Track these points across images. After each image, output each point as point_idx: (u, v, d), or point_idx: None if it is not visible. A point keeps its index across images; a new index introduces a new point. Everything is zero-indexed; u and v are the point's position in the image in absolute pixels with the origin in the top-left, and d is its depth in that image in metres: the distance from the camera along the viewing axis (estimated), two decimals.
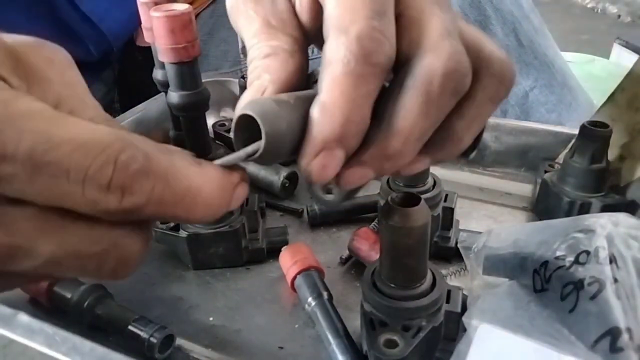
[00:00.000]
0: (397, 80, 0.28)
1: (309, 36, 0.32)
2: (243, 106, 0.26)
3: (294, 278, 0.49)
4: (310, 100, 0.27)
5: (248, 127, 0.26)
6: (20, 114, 0.22)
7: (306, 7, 0.31)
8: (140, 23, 0.56)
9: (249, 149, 0.27)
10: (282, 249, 0.52)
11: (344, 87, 0.26)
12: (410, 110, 0.27)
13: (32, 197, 0.22)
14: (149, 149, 0.24)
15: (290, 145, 0.27)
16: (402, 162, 0.29)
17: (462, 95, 0.29)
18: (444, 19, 0.28)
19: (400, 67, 0.28)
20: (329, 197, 0.32)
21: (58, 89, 0.26)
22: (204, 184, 0.26)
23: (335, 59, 0.26)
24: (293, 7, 0.32)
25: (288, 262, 0.50)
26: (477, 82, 0.29)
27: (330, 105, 0.26)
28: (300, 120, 0.27)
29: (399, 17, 0.28)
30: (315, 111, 0.27)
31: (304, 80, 0.31)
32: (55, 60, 0.27)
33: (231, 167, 0.28)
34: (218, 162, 0.28)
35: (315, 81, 0.28)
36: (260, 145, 0.26)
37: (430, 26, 0.28)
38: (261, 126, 0.25)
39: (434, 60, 0.27)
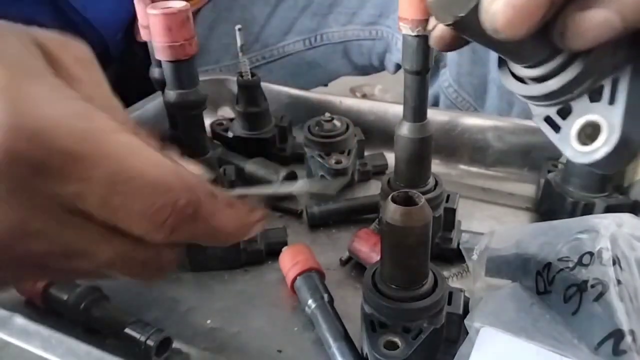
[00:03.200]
0: None
1: None
2: None
3: (294, 280, 0.48)
4: None
5: None
6: (102, 133, 0.24)
7: None
8: (135, 18, 0.55)
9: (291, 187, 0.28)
10: (282, 249, 0.51)
11: None
12: None
13: (96, 213, 0.25)
14: (201, 194, 0.27)
15: None
16: None
17: None
18: None
19: None
20: (592, 146, 0.24)
21: (88, 89, 0.27)
22: (233, 222, 0.29)
23: None
24: None
25: (288, 263, 0.49)
26: None
27: None
28: None
29: None
30: None
31: None
32: (82, 59, 0.28)
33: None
34: (254, 191, 0.32)
35: None
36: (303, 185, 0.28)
37: None
38: None
39: None
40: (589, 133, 0.25)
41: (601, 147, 0.24)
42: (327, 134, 0.64)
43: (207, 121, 0.59)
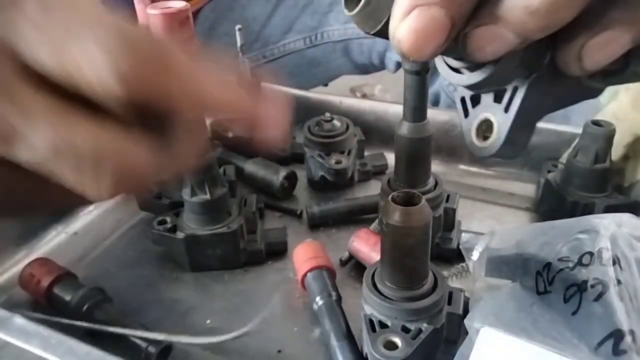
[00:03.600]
0: None
1: None
2: None
3: (305, 274, 0.48)
4: None
5: None
6: None
7: None
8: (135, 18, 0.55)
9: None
10: (299, 244, 0.51)
11: None
12: None
13: (47, 63, 0.22)
14: (175, 49, 0.24)
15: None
16: (556, 20, 0.22)
17: None
18: None
19: None
20: (484, 144, 0.28)
21: None
22: (219, 86, 0.25)
23: None
24: None
25: (302, 257, 0.50)
26: None
27: None
28: None
29: None
30: None
31: None
32: None
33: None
34: None
35: None
36: None
37: None
38: None
39: None
40: (484, 129, 0.28)
41: (487, 147, 0.28)
42: (327, 134, 0.64)
43: (207, 121, 0.59)
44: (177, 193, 0.56)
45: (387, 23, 0.24)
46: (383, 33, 0.25)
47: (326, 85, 1.13)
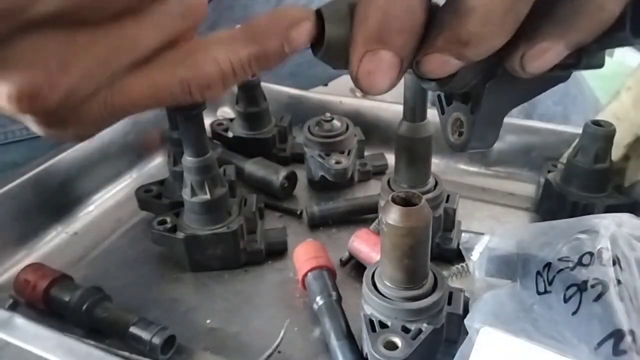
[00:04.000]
0: None
1: None
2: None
3: (306, 274, 0.48)
4: None
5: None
6: None
7: None
8: None
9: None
10: (299, 244, 0.51)
11: None
12: None
13: None
14: None
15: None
16: (487, 47, 0.25)
17: None
18: None
19: None
20: (457, 140, 0.31)
21: None
22: None
23: None
24: None
25: (302, 257, 0.50)
26: None
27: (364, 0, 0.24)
28: None
29: None
30: (356, 8, 0.25)
31: None
32: None
33: None
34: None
35: None
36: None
37: None
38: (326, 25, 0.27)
39: None
40: (458, 125, 0.32)
41: (459, 143, 0.32)
42: (327, 134, 0.64)
43: (207, 121, 0.59)
44: (177, 193, 0.56)
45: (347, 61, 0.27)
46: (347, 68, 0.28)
47: (326, 85, 1.13)
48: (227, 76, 0.27)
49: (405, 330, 0.38)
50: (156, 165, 0.73)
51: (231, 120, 0.74)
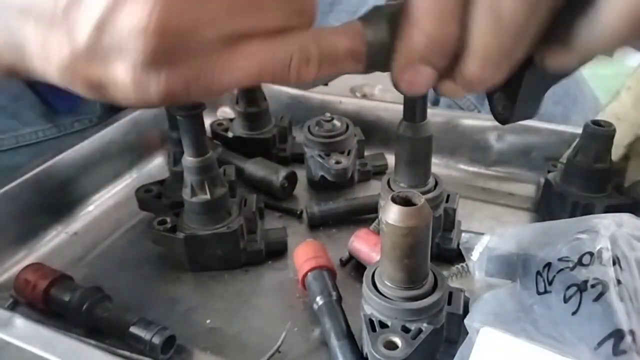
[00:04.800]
0: None
1: None
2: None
3: (306, 274, 0.48)
4: None
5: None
6: None
7: None
8: None
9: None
10: (299, 244, 0.51)
11: (429, 3, 0.27)
12: (481, 31, 0.27)
13: None
14: None
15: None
16: (486, 85, 0.30)
17: None
18: None
19: None
20: (502, 113, 0.34)
21: None
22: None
23: None
24: None
25: (302, 257, 0.50)
26: None
27: (415, 21, 0.27)
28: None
29: None
30: (402, 27, 0.28)
31: None
32: None
33: None
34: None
35: None
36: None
37: None
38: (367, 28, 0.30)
39: None
40: (504, 104, 0.34)
41: (504, 117, 0.34)
42: (327, 134, 0.64)
43: (207, 121, 0.59)
44: (177, 193, 0.56)
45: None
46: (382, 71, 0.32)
47: (326, 85, 1.13)
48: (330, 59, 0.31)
49: (405, 330, 0.38)
50: (156, 165, 0.73)
51: (231, 120, 0.74)
